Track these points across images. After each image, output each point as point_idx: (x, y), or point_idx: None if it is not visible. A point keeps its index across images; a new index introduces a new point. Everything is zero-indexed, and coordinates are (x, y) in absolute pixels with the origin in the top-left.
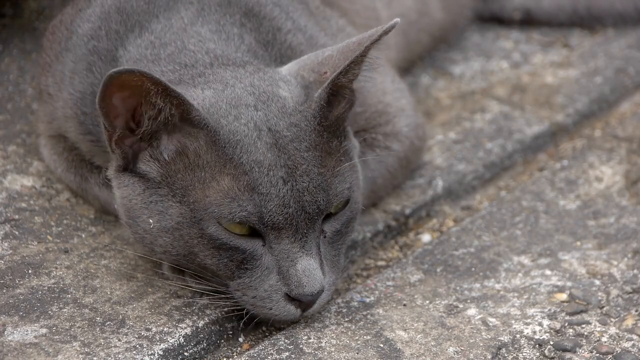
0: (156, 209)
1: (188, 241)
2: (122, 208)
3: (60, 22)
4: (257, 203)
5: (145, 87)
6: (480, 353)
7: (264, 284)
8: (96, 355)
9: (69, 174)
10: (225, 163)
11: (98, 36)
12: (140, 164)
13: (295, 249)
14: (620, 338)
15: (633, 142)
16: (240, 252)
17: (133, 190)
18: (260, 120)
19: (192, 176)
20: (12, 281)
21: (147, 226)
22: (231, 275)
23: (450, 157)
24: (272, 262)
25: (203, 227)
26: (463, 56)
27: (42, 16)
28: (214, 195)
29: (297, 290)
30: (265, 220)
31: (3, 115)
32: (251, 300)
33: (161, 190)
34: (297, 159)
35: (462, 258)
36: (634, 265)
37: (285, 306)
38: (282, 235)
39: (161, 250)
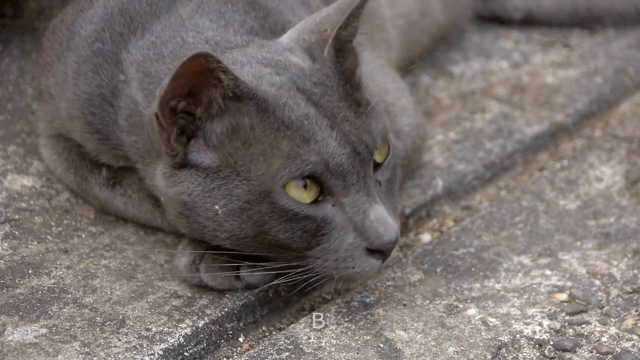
0: (220, 194)
1: (258, 220)
2: (177, 203)
3: (61, 22)
4: (317, 151)
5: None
6: (480, 353)
7: (343, 243)
8: (96, 355)
9: (69, 174)
10: (279, 128)
11: (102, 38)
12: (191, 157)
13: (362, 199)
14: (620, 338)
15: (633, 142)
16: (314, 220)
17: (191, 183)
18: (288, 83)
19: (251, 151)
20: (12, 281)
21: (210, 214)
22: (307, 245)
23: (450, 157)
24: (345, 220)
25: (273, 201)
26: (463, 56)
27: (42, 16)
28: (277, 162)
29: (377, 242)
30: (330, 166)
31: (3, 115)
32: (333, 264)
33: (222, 173)
34: (333, 109)
35: (462, 258)
36: (634, 265)
37: (367, 261)
38: (347, 185)
39: (227, 235)
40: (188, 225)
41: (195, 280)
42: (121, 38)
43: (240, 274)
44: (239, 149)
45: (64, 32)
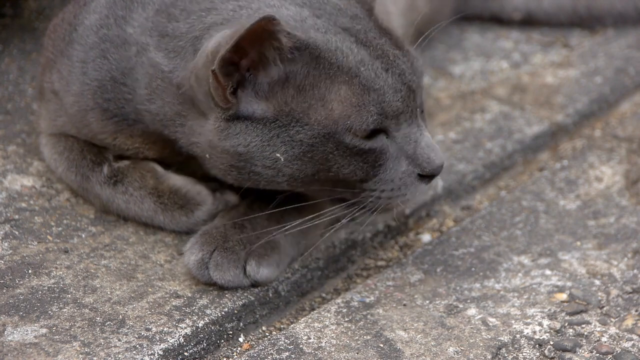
0: (280, 141)
1: (320, 159)
2: (230, 156)
3: (62, 20)
4: (377, 100)
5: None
6: (480, 353)
7: (398, 172)
8: (96, 355)
9: (70, 173)
10: (335, 73)
11: (107, 24)
12: (241, 108)
13: (413, 130)
14: (620, 338)
15: (633, 142)
16: (372, 152)
17: (248, 135)
18: (330, 24)
19: (308, 96)
20: (12, 281)
21: (269, 163)
22: (365, 177)
23: (450, 157)
24: (397, 150)
25: (338, 141)
26: (463, 56)
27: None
28: (338, 108)
29: (429, 167)
30: (388, 113)
31: (3, 115)
32: (388, 193)
33: (280, 121)
34: (379, 46)
35: (462, 258)
36: (634, 265)
37: (418, 186)
38: (400, 120)
39: (285, 179)
40: (239, 177)
41: (204, 278)
42: (124, 20)
43: (248, 270)
44: (293, 96)
45: (67, 28)
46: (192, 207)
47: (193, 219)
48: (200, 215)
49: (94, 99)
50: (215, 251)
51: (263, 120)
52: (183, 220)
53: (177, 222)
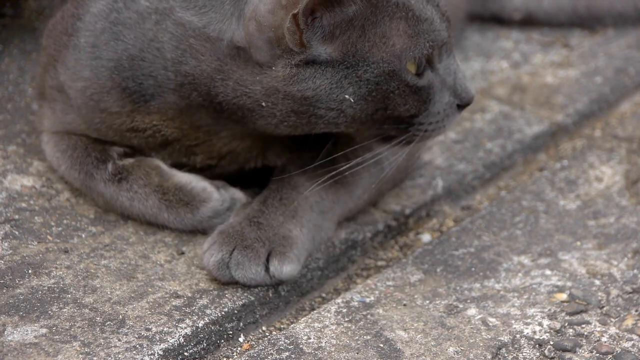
0: (348, 83)
1: (382, 97)
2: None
3: (62, 17)
4: (429, 30)
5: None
6: (480, 353)
7: (442, 104)
8: (96, 355)
9: (73, 171)
10: (393, 10)
11: (117, 9)
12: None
13: (451, 61)
14: (620, 338)
15: (633, 142)
16: (425, 89)
17: (316, 78)
18: None
19: (370, 35)
20: (12, 281)
21: (334, 105)
22: (418, 111)
23: (450, 157)
24: (439, 83)
25: (401, 78)
26: (463, 56)
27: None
28: (400, 42)
29: (467, 96)
30: (437, 43)
31: (3, 115)
32: (434, 126)
33: (346, 62)
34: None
35: (462, 258)
36: (634, 265)
37: (455, 116)
38: (442, 52)
39: (345, 120)
40: (297, 122)
41: (225, 278)
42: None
43: (271, 270)
44: (358, 37)
45: (69, 21)
46: (197, 204)
47: (198, 215)
48: (205, 212)
49: (111, 79)
50: (234, 250)
51: (331, 62)
52: (188, 217)
53: (182, 220)
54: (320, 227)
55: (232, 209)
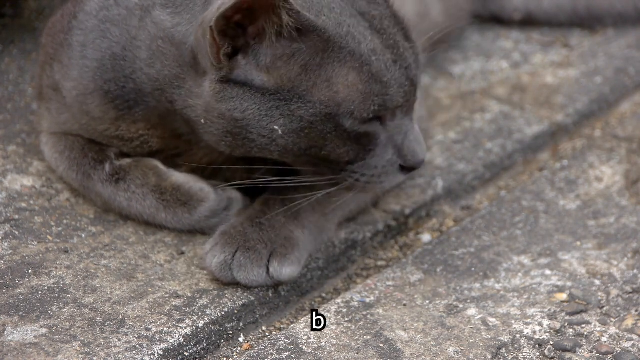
0: (279, 114)
1: (317, 136)
2: (225, 120)
3: (61, 15)
4: (382, 92)
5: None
6: (480, 353)
7: (383, 160)
8: (96, 355)
9: (71, 172)
10: (345, 57)
11: (107, 6)
12: (238, 72)
13: (406, 122)
14: (620, 338)
15: (633, 142)
16: (366, 137)
17: (244, 100)
18: (348, 7)
19: (313, 76)
20: (12, 281)
21: (265, 132)
22: (354, 159)
23: (450, 157)
24: (387, 138)
25: (338, 122)
26: (463, 56)
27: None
28: (344, 92)
29: (413, 160)
30: (389, 106)
31: (3, 115)
32: (368, 179)
33: (281, 94)
34: (393, 36)
35: (462, 258)
36: (634, 265)
37: (397, 177)
38: (396, 112)
39: (278, 149)
40: (233, 143)
41: (227, 279)
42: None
43: (271, 271)
44: (298, 74)
45: (66, 19)
46: (194, 204)
47: (196, 215)
48: (203, 212)
49: (94, 81)
50: (237, 252)
51: (262, 90)
52: (186, 217)
53: (180, 220)
54: (322, 229)
55: (230, 209)
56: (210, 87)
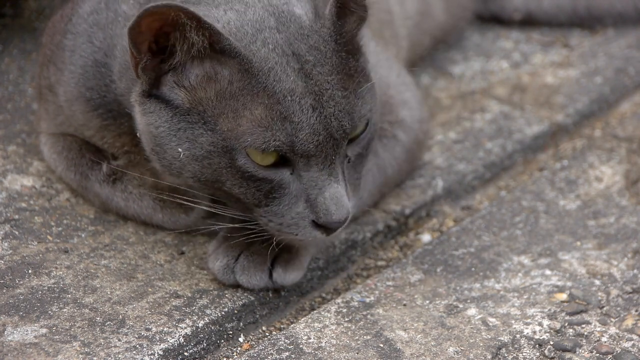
0: (185, 137)
1: (217, 169)
2: (148, 136)
3: (61, 16)
4: (289, 132)
5: (181, 22)
6: (480, 353)
7: (291, 211)
8: (96, 355)
9: (69, 172)
10: (258, 92)
11: (98, 10)
12: (164, 89)
13: (323, 177)
14: (620, 338)
15: (633, 142)
16: (268, 182)
17: (159, 117)
18: (285, 45)
19: (223, 104)
20: (12, 281)
21: (175, 154)
22: (258, 204)
23: (450, 157)
24: (299, 190)
25: (233, 158)
26: (463, 56)
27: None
28: (246, 125)
29: (325, 218)
30: (296, 149)
31: (3, 115)
32: (277, 226)
33: (190, 117)
34: (323, 84)
35: (462, 258)
36: (634, 265)
37: (311, 232)
38: (310, 162)
39: (189, 175)
40: (160, 163)
41: (230, 281)
42: (116, 3)
43: (275, 277)
44: (210, 99)
45: (64, 21)
46: (191, 205)
47: (192, 216)
48: (199, 212)
49: (77, 88)
50: (240, 255)
51: (177, 109)
52: (182, 218)
53: (176, 220)
54: None
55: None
56: (134, 99)
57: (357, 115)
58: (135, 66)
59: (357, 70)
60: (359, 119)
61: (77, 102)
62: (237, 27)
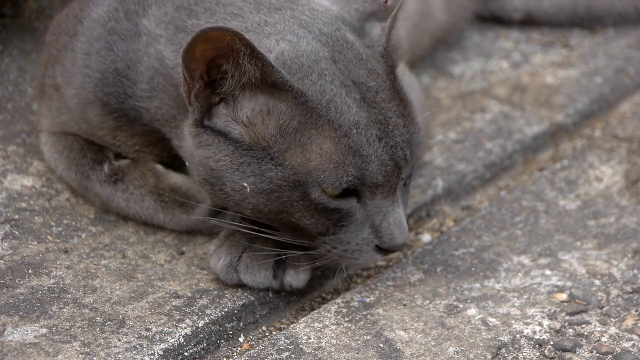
0: (250, 171)
1: (285, 202)
2: (204, 168)
3: (67, 15)
4: (359, 166)
5: (235, 47)
6: (480, 353)
7: (357, 238)
8: (96, 355)
9: (70, 172)
10: (323, 125)
11: (116, 18)
12: (218, 122)
13: (387, 203)
14: (620, 338)
15: (633, 142)
16: (338, 212)
17: (219, 151)
18: (343, 75)
19: (289, 139)
20: (12, 281)
21: (237, 187)
22: (325, 232)
23: (450, 157)
24: (364, 217)
25: (306, 192)
26: (463, 56)
27: (42, 16)
28: (317, 160)
29: (390, 243)
30: (366, 181)
31: (3, 115)
32: (341, 252)
33: (254, 152)
34: (386, 112)
35: (462, 258)
36: (634, 265)
37: (373, 256)
38: (377, 191)
39: (250, 207)
40: (212, 193)
41: (232, 281)
42: (137, 14)
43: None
44: (273, 134)
45: (72, 21)
46: (192, 205)
47: (194, 217)
48: (201, 213)
49: (94, 92)
50: (243, 254)
51: (237, 143)
52: (183, 219)
53: (178, 221)
54: None
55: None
56: (187, 130)
57: (415, 143)
58: (187, 93)
59: (404, 90)
60: (417, 146)
61: (92, 105)
62: (292, 58)
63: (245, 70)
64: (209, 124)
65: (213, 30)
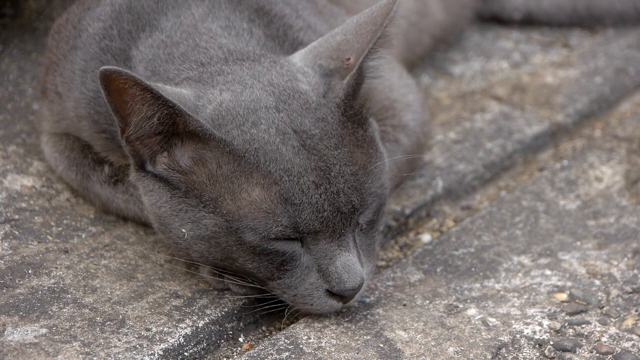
0: (187, 218)
1: (225, 248)
2: (152, 215)
3: (66, 20)
4: (291, 214)
5: (131, 92)
6: (480, 353)
7: (305, 282)
8: (96, 355)
9: (70, 172)
10: (251, 172)
11: (110, 35)
12: (158, 168)
13: (333, 247)
14: (620, 338)
15: (633, 142)
16: (280, 255)
17: (160, 197)
18: (283, 123)
19: (219, 187)
20: (12, 281)
21: (180, 234)
22: (271, 277)
23: (450, 157)
24: (311, 261)
25: (240, 236)
26: (463, 56)
27: (42, 16)
28: (247, 208)
29: (338, 287)
30: (300, 229)
31: (3, 115)
32: (291, 297)
33: (189, 200)
34: (329, 158)
35: (462, 258)
36: (634, 265)
37: (327, 301)
38: (319, 237)
39: (198, 255)
40: (169, 242)
41: (220, 286)
42: (130, 35)
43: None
44: (204, 183)
45: (70, 31)
46: None
47: None
48: None
49: (87, 109)
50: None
51: (174, 190)
52: None
53: None
54: None
55: None
56: (132, 176)
57: (366, 192)
58: (120, 135)
59: (366, 139)
60: (369, 196)
61: (85, 120)
62: (229, 108)
63: (149, 116)
64: (151, 170)
65: (109, 72)
